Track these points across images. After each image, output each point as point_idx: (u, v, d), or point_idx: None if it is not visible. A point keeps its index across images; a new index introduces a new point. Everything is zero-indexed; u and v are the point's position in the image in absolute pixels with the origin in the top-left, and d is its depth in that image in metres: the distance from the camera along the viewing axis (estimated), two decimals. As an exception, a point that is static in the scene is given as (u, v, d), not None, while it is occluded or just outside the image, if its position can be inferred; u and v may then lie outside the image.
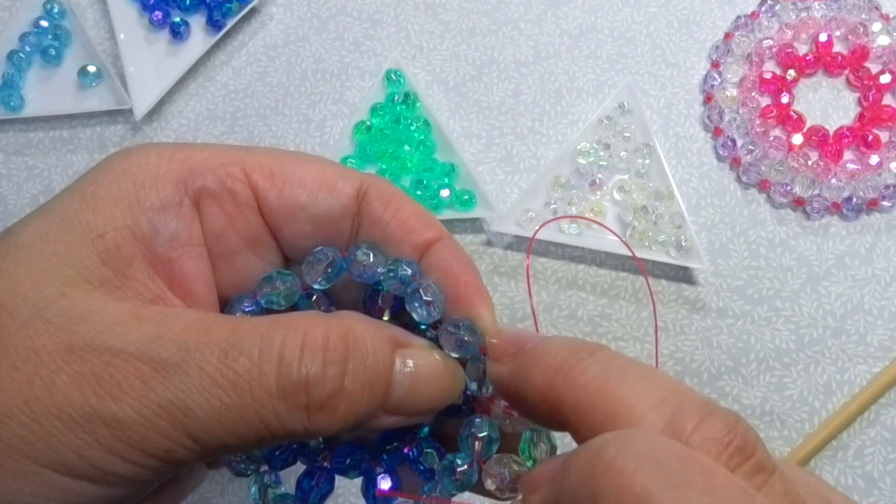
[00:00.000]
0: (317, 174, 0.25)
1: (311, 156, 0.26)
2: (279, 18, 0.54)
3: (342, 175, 0.26)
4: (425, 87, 0.51)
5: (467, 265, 0.26)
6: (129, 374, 0.20)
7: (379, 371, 0.23)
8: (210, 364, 0.21)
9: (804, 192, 0.47)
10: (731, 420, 0.19)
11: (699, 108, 0.50)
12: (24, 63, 0.53)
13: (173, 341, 0.21)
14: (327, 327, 0.22)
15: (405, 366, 0.24)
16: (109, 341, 0.21)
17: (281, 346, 0.21)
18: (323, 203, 0.25)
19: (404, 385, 0.23)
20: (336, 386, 0.22)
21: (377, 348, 0.23)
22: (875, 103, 0.48)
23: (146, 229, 0.23)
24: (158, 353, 0.21)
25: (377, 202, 0.26)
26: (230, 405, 0.21)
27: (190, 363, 0.21)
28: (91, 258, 0.22)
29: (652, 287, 0.46)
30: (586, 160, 0.48)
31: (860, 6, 0.50)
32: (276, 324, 0.22)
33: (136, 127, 0.52)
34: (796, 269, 0.46)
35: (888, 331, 0.44)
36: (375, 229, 0.26)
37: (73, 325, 0.21)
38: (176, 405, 0.20)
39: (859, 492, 0.42)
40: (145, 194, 0.23)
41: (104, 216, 0.23)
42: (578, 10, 0.52)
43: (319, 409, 0.21)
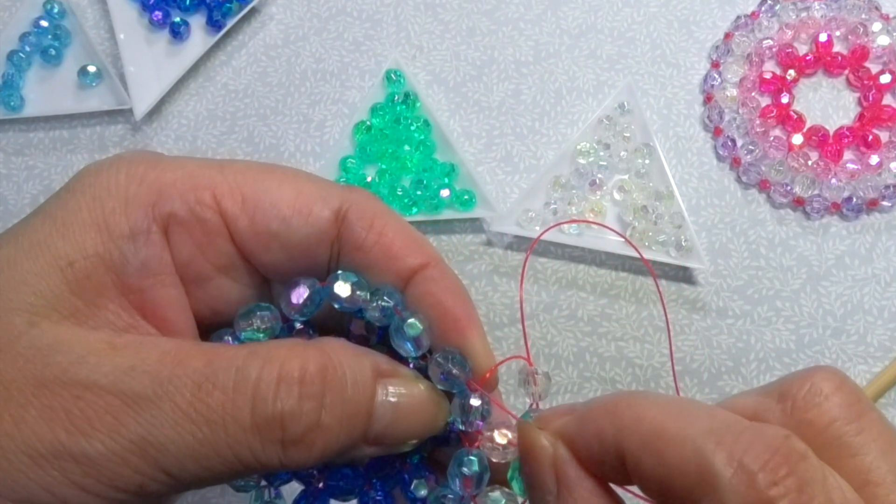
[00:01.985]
0: (291, 197, 0.24)
1: (288, 173, 0.25)
2: (279, 18, 0.54)
3: (320, 196, 0.24)
4: (425, 87, 0.51)
5: (457, 293, 0.25)
6: (100, 409, 0.20)
7: (359, 403, 0.22)
8: (183, 398, 0.20)
9: (804, 192, 0.47)
10: (775, 442, 0.18)
11: (699, 108, 0.50)
12: (24, 63, 0.53)
13: (147, 373, 0.21)
14: (305, 359, 0.21)
15: (387, 396, 0.23)
16: (81, 373, 0.20)
17: (256, 380, 0.21)
18: (297, 231, 0.24)
19: (386, 416, 0.23)
20: (312, 421, 0.21)
21: (357, 379, 0.22)
22: (875, 103, 0.48)
23: (117, 258, 0.22)
24: (130, 387, 0.20)
25: (358, 225, 0.25)
26: (203, 440, 0.20)
27: (163, 397, 0.20)
28: (61, 287, 0.22)
29: (652, 287, 0.46)
30: (586, 160, 0.48)
31: (860, 6, 0.50)
32: (253, 355, 0.21)
33: (136, 127, 0.52)
34: (796, 269, 0.46)
35: (888, 331, 0.44)
36: (357, 255, 0.25)
37: (44, 357, 0.21)
38: (148, 440, 0.20)
39: (859, 492, 0.42)
40: (115, 221, 0.22)
41: (74, 243, 0.22)
42: (578, 10, 0.52)
43: (295, 444, 0.21)
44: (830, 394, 0.20)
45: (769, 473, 0.17)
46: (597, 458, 0.21)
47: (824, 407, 0.20)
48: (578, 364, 0.45)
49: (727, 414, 0.19)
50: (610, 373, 0.45)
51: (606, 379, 0.45)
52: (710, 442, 0.18)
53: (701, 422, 0.19)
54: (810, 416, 0.20)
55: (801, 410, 0.20)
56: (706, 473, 0.18)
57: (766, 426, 0.19)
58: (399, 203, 0.47)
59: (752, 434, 0.18)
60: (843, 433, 0.20)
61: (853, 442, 0.20)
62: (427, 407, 0.24)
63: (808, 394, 0.20)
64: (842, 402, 0.20)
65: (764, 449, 0.18)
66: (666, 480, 0.19)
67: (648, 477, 0.19)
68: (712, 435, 0.18)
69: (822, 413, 0.20)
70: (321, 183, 0.25)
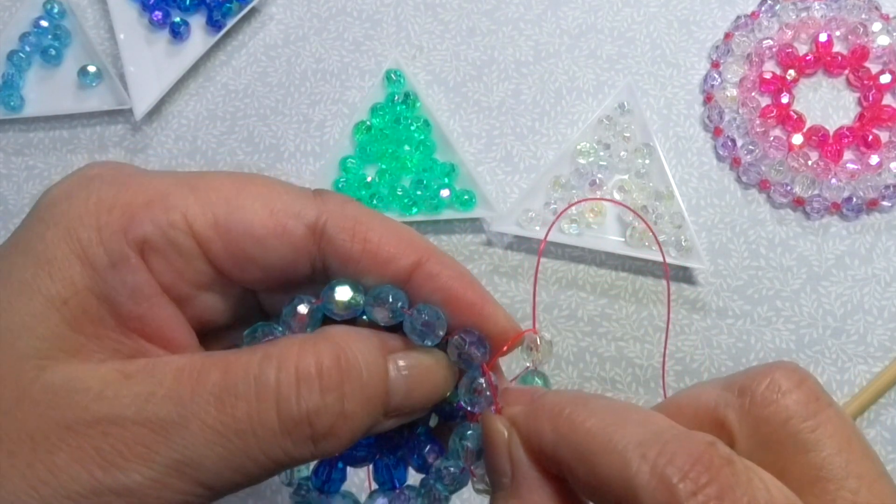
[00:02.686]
0: (265, 216, 0.23)
1: (262, 187, 0.24)
2: (279, 18, 0.54)
3: (293, 212, 0.24)
4: (425, 87, 0.51)
5: (462, 278, 0.25)
6: (130, 441, 0.20)
7: (375, 384, 0.23)
8: (209, 415, 0.20)
9: (804, 192, 0.47)
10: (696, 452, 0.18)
11: (699, 108, 0.50)
12: (24, 63, 0.53)
13: (168, 397, 0.21)
14: (318, 353, 0.22)
15: (399, 371, 0.23)
16: (103, 409, 0.20)
17: (276, 384, 0.21)
18: (273, 252, 0.24)
19: (400, 390, 0.23)
20: (337, 412, 0.21)
21: (369, 360, 0.23)
22: (875, 103, 0.48)
23: (106, 289, 0.22)
24: (155, 414, 0.20)
25: (341, 236, 0.24)
26: (236, 450, 0.21)
27: (189, 417, 0.20)
28: (61, 327, 0.21)
29: (652, 287, 0.46)
30: (586, 160, 0.48)
31: (860, 6, 0.50)
32: (267, 359, 0.21)
33: (135, 127, 0.52)
34: (796, 269, 0.46)
35: (888, 331, 0.44)
36: (347, 267, 0.24)
37: (62, 400, 0.20)
38: (183, 461, 0.20)
39: (859, 492, 0.42)
40: (93, 252, 0.22)
41: (62, 280, 0.22)
42: (578, 10, 0.52)
43: (325, 437, 0.21)
44: (788, 390, 0.21)
45: (689, 483, 0.18)
46: (539, 455, 0.21)
47: (781, 403, 0.20)
48: (578, 364, 0.45)
49: (660, 421, 0.20)
50: (610, 373, 0.45)
51: (606, 379, 0.45)
52: (636, 455, 0.18)
53: (631, 432, 0.19)
54: (767, 412, 0.20)
55: (758, 406, 0.21)
56: (630, 488, 0.18)
57: (694, 434, 0.19)
58: (399, 203, 0.47)
59: (677, 444, 0.18)
60: (798, 430, 0.20)
61: (808, 438, 0.20)
62: (437, 372, 0.24)
63: (767, 389, 0.21)
64: (799, 398, 0.21)
65: (686, 458, 0.18)
66: (597, 491, 0.19)
67: (583, 486, 0.20)
68: (639, 447, 0.19)
69: (779, 409, 0.20)
70: (294, 195, 0.24)
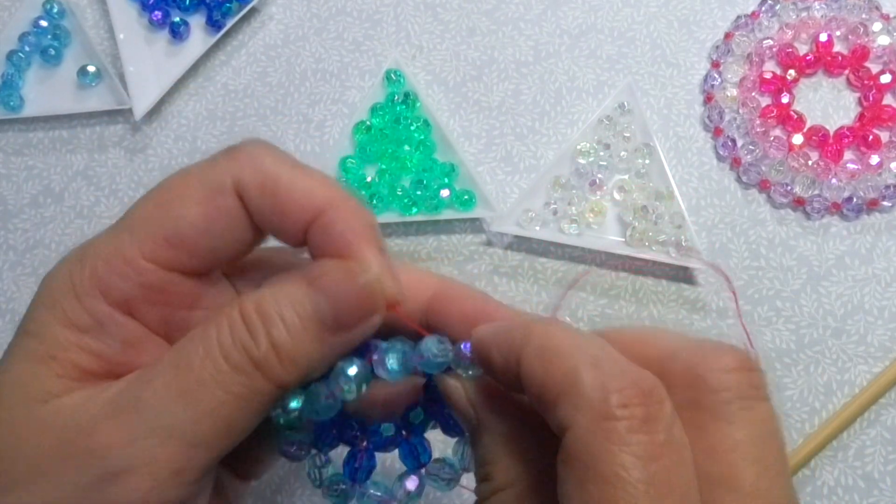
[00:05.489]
0: (198, 209, 0.24)
1: (184, 180, 0.25)
2: (279, 18, 0.54)
3: (217, 185, 0.24)
4: (425, 87, 0.51)
5: (362, 230, 0.24)
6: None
7: (299, 310, 0.23)
8: (167, 382, 0.23)
9: (804, 192, 0.47)
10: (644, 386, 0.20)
11: (699, 108, 0.50)
12: (24, 63, 0.53)
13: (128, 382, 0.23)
14: (242, 305, 0.23)
15: (321, 293, 0.23)
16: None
17: (217, 337, 0.23)
18: (221, 236, 0.24)
19: (325, 305, 0.23)
20: (267, 342, 0.23)
21: (291, 291, 0.23)
22: (875, 103, 0.48)
23: (96, 346, 0.23)
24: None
25: (253, 193, 0.24)
26: (202, 399, 0.22)
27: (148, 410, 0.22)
28: (49, 377, 0.23)
29: (652, 287, 0.46)
30: (586, 160, 0.48)
31: (860, 6, 0.50)
32: (203, 325, 0.23)
33: (135, 127, 0.52)
34: (796, 270, 0.46)
35: (888, 331, 0.44)
36: (266, 224, 0.24)
37: (48, 436, 0.22)
38: (159, 427, 0.22)
39: (859, 492, 0.42)
40: (77, 317, 0.23)
41: (49, 341, 0.23)
42: (578, 10, 0.52)
43: (266, 363, 0.23)
44: (736, 370, 0.21)
45: (623, 397, 0.19)
46: (501, 363, 0.22)
47: (725, 377, 0.21)
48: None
49: (619, 356, 0.21)
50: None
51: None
52: (589, 365, 0.20)
53: (592, 351, 0.20)
54: (709, 376, 0.21)
55: (701, 369, 0.21)
56: (574, 384, 0.20)
57: (644, 372, 0.20)
58: (399, 203, 0.47)
59: (627, 370, 0.20)
60: (728, 402, 0.21)
61: (734, 414, 0.21)
62: (354, 280, 0.24)
63: (716, 360, 0.21)
64: (741, 380, 0.21)
65: (630, 383, 0.19)
66: (544, 385, 0.20)
67: (530, 379, 0.21)
68: (594, 361, 0.20)
69: (720, 380, 0.21)
70: (209, 168, 0.24)
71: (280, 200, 0.24)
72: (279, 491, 0.44)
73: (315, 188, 0.24)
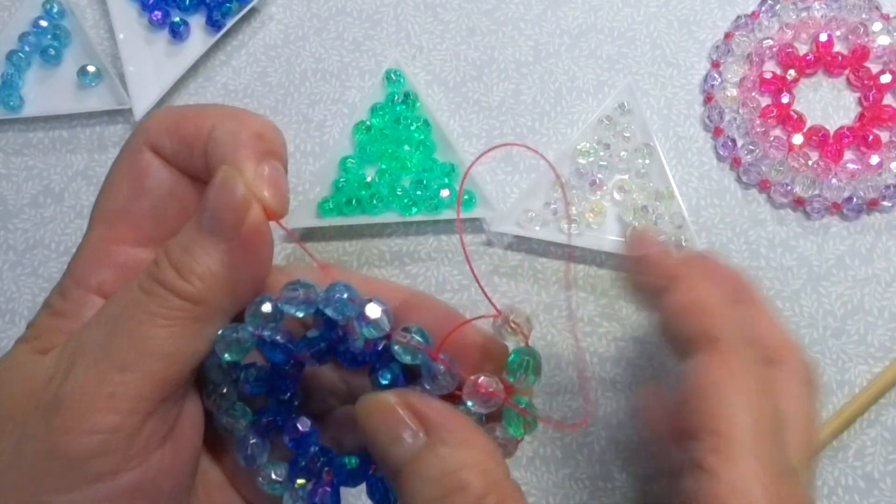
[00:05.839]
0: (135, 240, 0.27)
1: (116, 185, 0.27)
2: (279, 18, 0.54)
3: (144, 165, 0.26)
4: (425, 87, 0.51)
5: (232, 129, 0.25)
6: None
7: (190, 228, 0.25)
8: (97, 330, 0.24)
9: (804, 192, 0.47)
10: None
11: (699, 108, 0.50)
12: (24, 63, 0.53)
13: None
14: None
15: (202, 203, 0.24)
16: None
17: (135, 279, 0.25)
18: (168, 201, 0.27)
19: (204, 213, 0.24)
20: (166, 260, 0.24)
21: (188, 224, 0.25)
22: (875, 103, 0.48)
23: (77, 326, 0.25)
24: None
25: (162, 140, 0.26)
26: (132, 331, 0.23)
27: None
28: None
29: (652, 287, 0.46)
30: (586, 160, 0.48)
31: (860, 6, 0.50)
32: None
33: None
34: (796, 270, 0.46)
35: (889, 331, 0.44)
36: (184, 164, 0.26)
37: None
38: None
39: (860, 492, 0.42)
40: (62, 308, 0.25)
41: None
42: (578, 10, 0.52)
43: (169, 280, 0.24)
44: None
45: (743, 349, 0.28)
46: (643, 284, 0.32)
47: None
48: (579, 364, 0.45)
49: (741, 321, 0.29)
50: (610, 373, 0.45)
51: (606, 379, 0.45)
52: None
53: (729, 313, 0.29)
54: None
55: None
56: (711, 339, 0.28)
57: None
58: (399, 203, 0.47)
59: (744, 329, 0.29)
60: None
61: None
62: (226, 184, 0.24)
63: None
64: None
65: (744, 340, 0.29)
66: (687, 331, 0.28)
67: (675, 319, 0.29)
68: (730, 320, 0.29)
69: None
70: (127, 145, 0.26)
71: (181, 133, 0.25)
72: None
73: (206, 111, 0.26)
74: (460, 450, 0.22)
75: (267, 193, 0.24)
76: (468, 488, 0.21)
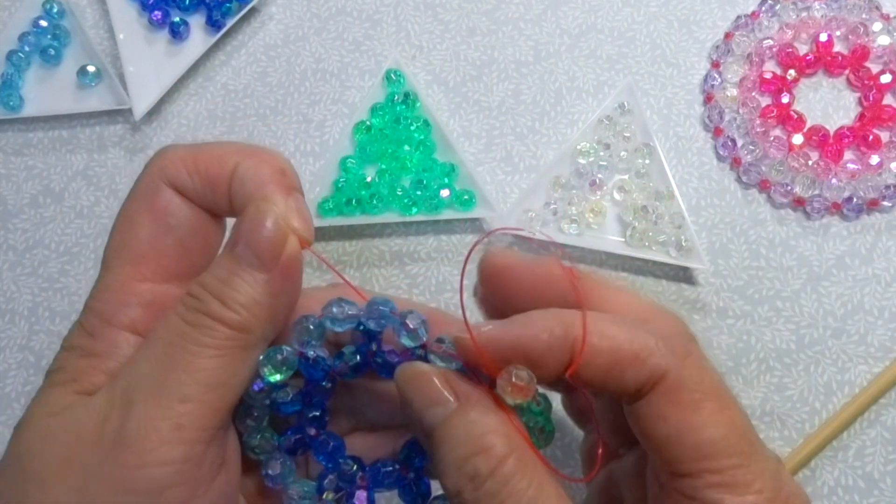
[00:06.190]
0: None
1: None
2: (279, 18, 0.54)
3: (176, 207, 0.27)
4: (425, 87, 0.51)
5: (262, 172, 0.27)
6: None
7: (226, 261, 0.25)
8: (146, 367, 0.25)
9: (804, 192, 0.47)
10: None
11: (699, 108, 0.50)
12: (24, 63, 0.53)
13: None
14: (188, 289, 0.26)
15: (237, 237, 0.25)
16: None
17: (175, 311, 0.25)
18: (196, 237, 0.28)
19: (243, 247, 0.25)
20: (208, 293, 0.25)
21: (219, 257, 0.26)
22: (875, 103, 0.48)
23: (114, 366, 0.25)
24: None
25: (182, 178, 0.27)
26: (186, 363, 0.24)
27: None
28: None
29: (652, 287, 0.46)
30: (586, 160, 0.48)
31: (860, 6, 0.50)
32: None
33: (135, 127, 0.52)
34: (797, 270, 0.46)
35: (889, 331, 0.44)
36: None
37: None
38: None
39: (860, 492, 0.42)
40: (94, 349, 0.26)
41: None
42: (578, 10, 0.52)
43: (216, 311, 0.25)
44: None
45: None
46: (541, 350, 0.25)
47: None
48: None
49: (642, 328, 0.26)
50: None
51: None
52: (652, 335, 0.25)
53: (633, 327, 0.25)
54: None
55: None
56: (645, 349, 0.25)
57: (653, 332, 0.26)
58: (399, 203, 0.47)
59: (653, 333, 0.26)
60: None
61: None
62: (260, 217, 0.26)
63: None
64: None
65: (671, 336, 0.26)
66: (616, 355, 0.25)
67: (598, 356, 0.25)
68: (644, 331, 0.25)
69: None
70: (143, 183, 0.27)
71: (202, 172, 0.26)
72: (279, 491, 0.44)
73: (226, 149, 0.27)
74: (487, 416, 0.24)
75: (297, 224, 0.26)
76: (491, 450, 0.23)
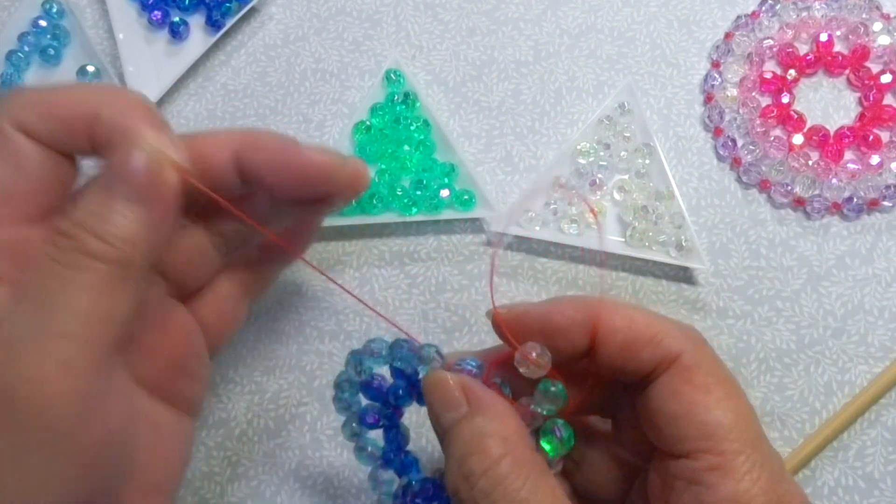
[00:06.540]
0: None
1: None
2: (279, 18, 0.54)
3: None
4: (425, 87, 0.51)
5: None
6: None
7: (101, 195, 0.25)
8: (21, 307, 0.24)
9: (805, 192, 0.47)
10: None
11: (699, 108, 0.50)
12: (23, 63, 0.53)
13: None
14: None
15: (113, 174, 0.26)
16: None
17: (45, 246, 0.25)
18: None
19: (120, 184, 0.25)
20: (79, 228, 0.25)
21: (91, 190, 0.26)
22: (876, 103, 0.48)
23: None
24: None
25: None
26: (60, 298, 0.24)
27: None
28: None
29: (652, 287, 0.46)
30: (586, 160, 0.48)
31: (861, 6, 0.50)
32: None
33: None
34: (797, 270, 0.46)
35: (889, 331, 0.44)
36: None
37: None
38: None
39: (860, 493, 0.42)
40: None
41: None
42: (578, 10, 0.52)
43: (86, 243, 0.24)
44: None
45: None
46: (564, 330, 0.29)
47: None
48: (578, 364, 0.45)
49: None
50: (610, 373, 0.45)
51: (607, 379, 0.45)
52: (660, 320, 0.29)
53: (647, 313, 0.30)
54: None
55: None
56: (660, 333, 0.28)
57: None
58: (399, 203, 0.47)
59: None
60: None
61: None
62: (136, 154, 0.26)
63: None
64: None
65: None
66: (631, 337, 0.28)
67: (614, 335, 0.28)
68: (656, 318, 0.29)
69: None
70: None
71: (57, 117, 0.26)
72: (279, 492, 0.44)
73: (84, 91, 0.27)
74: (491, 421, 0.26)
75: (172, 154, 0.26)
76: (487, 451, 0.26)
